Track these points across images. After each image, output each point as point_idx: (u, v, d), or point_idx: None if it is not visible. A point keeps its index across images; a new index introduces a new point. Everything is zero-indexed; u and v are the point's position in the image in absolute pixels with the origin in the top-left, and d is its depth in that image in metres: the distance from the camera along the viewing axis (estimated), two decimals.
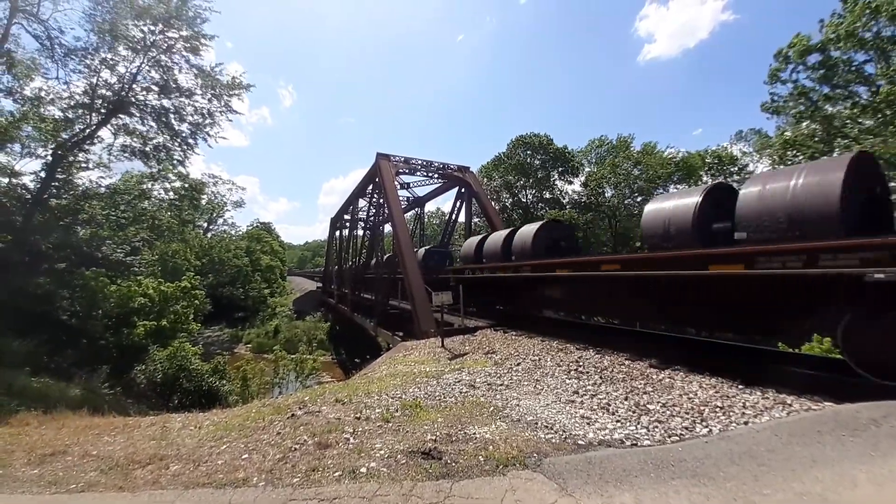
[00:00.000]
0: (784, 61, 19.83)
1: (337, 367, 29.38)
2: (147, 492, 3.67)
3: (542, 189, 41.02)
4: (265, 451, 4.36)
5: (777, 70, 20.20)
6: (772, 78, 20.42)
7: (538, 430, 4.71)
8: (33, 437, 5.26)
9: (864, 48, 17.07)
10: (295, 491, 3.50)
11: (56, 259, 15.37)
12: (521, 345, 9.98)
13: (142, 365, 15.16)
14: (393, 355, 11.23)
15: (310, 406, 5.93)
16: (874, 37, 16.61)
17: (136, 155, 17.98)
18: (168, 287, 19.08)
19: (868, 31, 16.68)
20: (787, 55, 19.58)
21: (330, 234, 47.23)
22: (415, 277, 16.01)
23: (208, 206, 51.01)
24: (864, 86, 17.50)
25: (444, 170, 25.37)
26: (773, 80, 20.41)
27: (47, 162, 14.79)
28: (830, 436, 3.72)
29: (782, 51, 19.83)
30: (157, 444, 4.82)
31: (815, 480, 3.07)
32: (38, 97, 15.73)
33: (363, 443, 4.45)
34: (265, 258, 57.00)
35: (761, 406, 4.99)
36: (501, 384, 6.88)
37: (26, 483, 3.96)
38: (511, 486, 3.40)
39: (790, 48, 19.40)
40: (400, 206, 21.64)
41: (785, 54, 19.70)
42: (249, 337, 39.16)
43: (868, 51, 17.12)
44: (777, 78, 20.28)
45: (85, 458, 4.50)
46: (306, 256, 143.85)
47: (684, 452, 3.76)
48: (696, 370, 6.68)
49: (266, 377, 21.80)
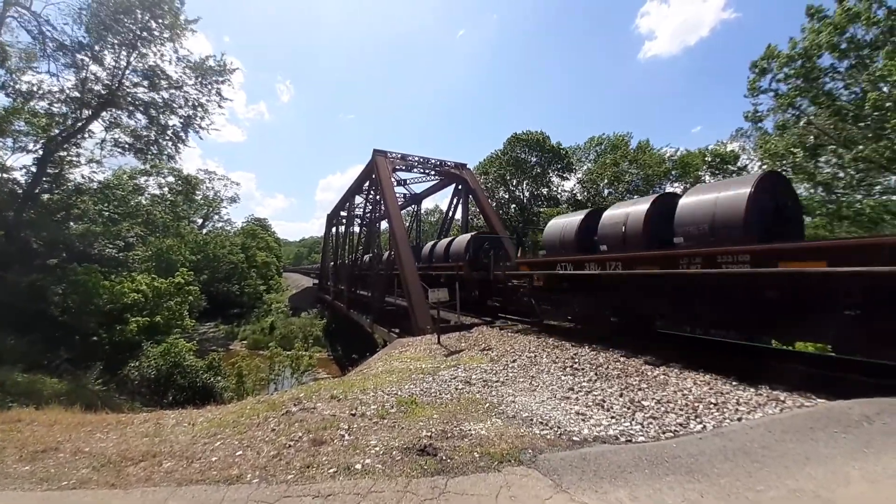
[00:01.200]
0: (760, 73, 19.93)
1: (333, 364, 29.34)
2: (140, 489, 3.63)
3: (538, 185, 41.09)
4: (259, 448, 4.34)
5: (754, 82, 20.30)
6: (752, 91, 20.49)
7: (533, 426, 4.71)
8: (25, 434, 5.20)
9: (841, 56, 17.19)
10: (289, 487, 3.48)
11: (48, 255, 15.23)
12: (516, 341, 9.99)
13: (135, 361, 15.05)
14: (389, 352, 11.22)
15: (305, 402, 5.91)
16: (849, 43, 16.72)
17: (128, 150, 17.85)
18: (161, 283, 18.91)
19: (844, 39, 16.79)
20: (764, 67, 19.69)
21: (326, 231, 47.07)
22: (411, 274, 15.98)
23: (203, 203, 50.73)
24: (847, 92, 17.51)
25: (441, 166, 25.30)
26: (754, 92, 20.49)
27: (38, 157, 14.61)
28: (823, 432, 3.75)
29: (757, 63, 19.94)
30: (150, 441, 4.78)
31: (809, 477, 3.09)
32: (30, 91, 15.54)
33: (358, 439, 4.44)
34: (261, 254, 56.78)
35: (755, 402, 5.02)
36: (497, 381, 6.88)
37: (17, 479, 3.91)
38: (506, 481, 3.40)
39: (764, 60, 19.51)
40: (396, 202, 21.57)
41: (761, 66, 19.79)
42: (245, 333, 38.97)
43: (843, 59, 17.22)
44: (757, 90, 20.37)
45: (77, 455, 4.45)
46: (302, 253, 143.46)
47: (679, 449, 3.77)
48: (690, 367, 6.71)
49: (261, 374, 21.77)
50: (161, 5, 16.10)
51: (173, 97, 17.72)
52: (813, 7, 17.71)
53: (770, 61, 19.27)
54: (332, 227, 43.41)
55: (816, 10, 17.55)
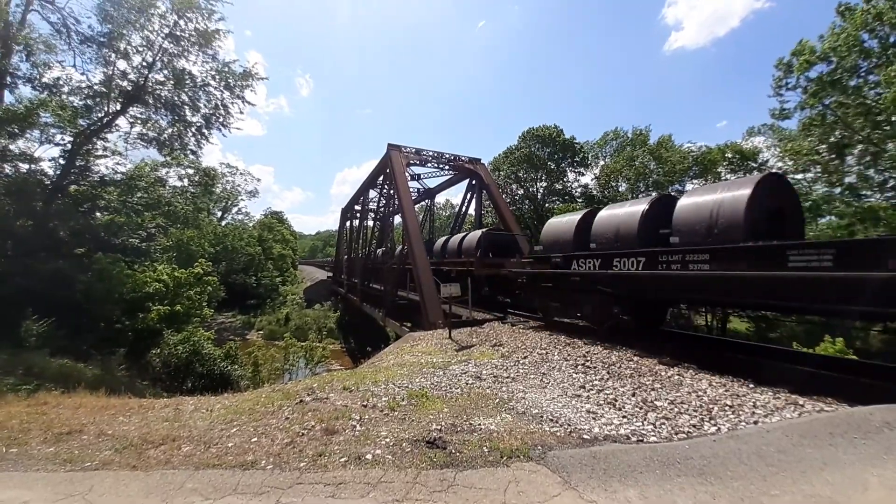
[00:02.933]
0: (787, 70, 19.30)
1: (345, 356, 29.76)
2: (160, 471, 3.76)
3: (552, 180, 40.65)
4: (274, 436, 4.44)
5: (780, 80, 19.68)
6: (777, 88, 19.89)
7: (543, 423, 4.71)
8: (51, 416, 5.42)
9: (868, 57, 16.56)
10: (302, 475, 3.56)
11: (75, 244, 15.74)
12: (528, 338, 9.95)
13: (157, 349, 15.51)
14: (401, 345, 11.31)
15: (318, 393, 6.02)
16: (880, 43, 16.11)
17: (151, 143, 18.30)
18: (182, 273, 19.40)
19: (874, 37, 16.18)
20: (790, 63, 19.07)
21: (340, 225, 47.52)
22: (424, 268, 16.04)
23: (223, 195, 51.78)
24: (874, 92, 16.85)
25: (455, 161, 25.22)
26: (780, 89, 19.88)
27: (66, 149, 15.08)
28: (842, 438, 3.65)
29: (783, 60, 19.34)
30: (170, 426, 4.94)
31: (826, 483, 3.02)
32: (57, 85, 16.01)
33: (369, 430, 4.51)
34: (277, 247, 57.71)
35: (772, 406, 4.91)
36: (508, 376, 6.88)
37: (41, 461, 4.07)
38: (514, 477, 3.41)
39: (794, 55, 18.92)
40: (410, 197, 21.62)
41: (788, 63, 19.17)
42: (261, 324, 39.82)
43: (871, 58, 16.59)
44: (783, 87, 19.75)
45: (100, 438, 4.63)
46: (317, 246, 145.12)
47: (691, 450, 3.72)
48: (705, 368, 6.60)
49: (277, 363, 22.22)
50: (193, 8, 16.39)
51: (198, 96, 18.09)
52: (843, 5, 17.13)
53: (798, 58, 18.68)
54: (347, 220, 43.81)
55: (847, 8, 16.97)
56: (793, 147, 20.50)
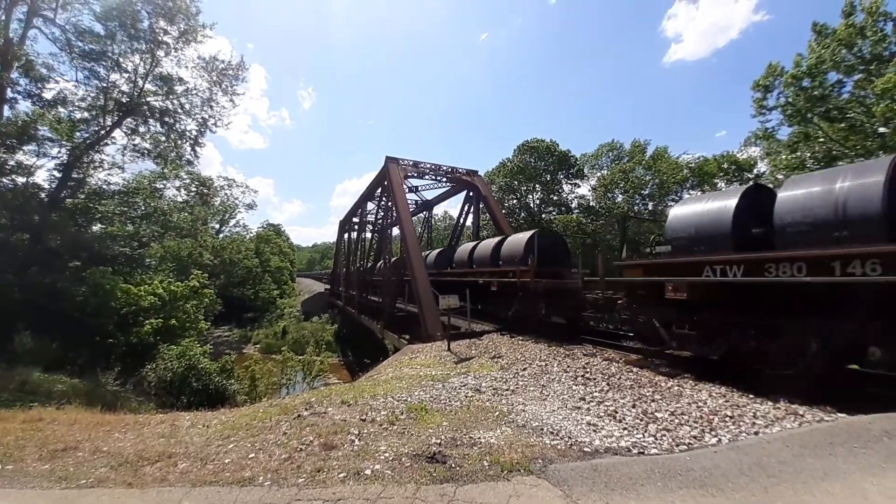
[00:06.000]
0: (764, 91, 19.71)
1: (344, 369, 29.46)
2: (155, 489, 3.71)
3: (548, 192, 40.96)
4: (271, 451, 4.40)
5: (760, 101, 20.05)
6: (759, 109, 20.23)
7: (543, 435, 4.68)
8: (46, 433, 5.35)
9: (848, 71, 16.99)
10: (300, 491, 3.52)
11: (70, 257, 15.69)
12: (527, 350, 9.93)
13: (152, 363, 15.34)
14: (399, 358, 11.24)
15: (316, 407, 5.97)
16: (856, 58, 16.55)
17: (147, 155, 18.53)
18: (177, 286, 19.30)
19: (853, 53, 16.61)
20: (766, 85, 19.53)
21: (338, 237, 47.54)
22: (422, 280, 16.03)
23: (221, 208, 51.80)
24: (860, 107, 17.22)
25: (452, 173, 25.43)
26: (760, 110, 20.21)
27: (62, 162, 15.14)
28: (843, 448, 3.65)
29: (758, 82, 19.76)
30: (166, 442, 4.88)
31: (827, 493, 3.02)
32: (55, 99, 16.17)
33: (368, 445, 4.47)
34: (274, 259, 57.55)
35: (773, 416, 4.91)
36: (507, 389, 6.85)
37: (37, 478, 4.01)
38: (515, 491, 3.38)
39: (766, 78, 19.44)
40: (408, 208, 21.72)
41: (765, 85, 19.59)
42: (258, 337, 39.45)
43: (850, 74, 17.03)
44: (763, 108, 20.10)
45: (95, 455, 4.57)
46: (315, 258, 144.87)
47: (692, 462, 3.71)
48: (705, 379, 6.60)
49: (274, 377, 21.93)
50: (175, 11, 16.82)
51: (190, 100, 18.54)
52: (818, 24, 17.63)
53: (775, 79, 19.13)
54: (345, 233, 43.82)
55: (822, 28, 17.48)
56: (781, 161, 20.74)
